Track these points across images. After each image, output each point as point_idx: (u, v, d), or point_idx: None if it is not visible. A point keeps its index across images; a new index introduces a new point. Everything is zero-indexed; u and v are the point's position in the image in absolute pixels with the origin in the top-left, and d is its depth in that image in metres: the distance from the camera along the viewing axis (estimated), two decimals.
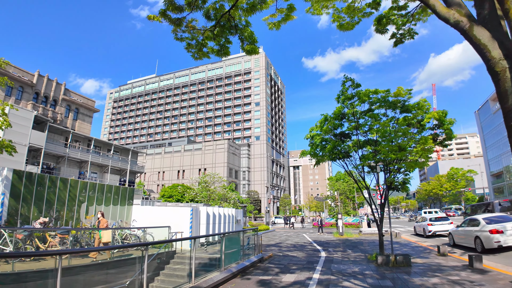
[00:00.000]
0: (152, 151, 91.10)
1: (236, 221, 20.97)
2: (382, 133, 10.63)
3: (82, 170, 31.74)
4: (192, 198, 27.98)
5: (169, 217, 15.93)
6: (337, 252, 13.37)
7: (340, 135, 11.91)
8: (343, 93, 11.06)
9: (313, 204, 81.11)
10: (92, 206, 16.51)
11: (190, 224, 15.33)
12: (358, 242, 18.20)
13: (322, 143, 12.51)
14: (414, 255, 12.71)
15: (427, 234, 20.89)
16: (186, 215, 15.45)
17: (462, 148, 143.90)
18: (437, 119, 11.32)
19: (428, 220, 21.33)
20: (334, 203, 40.73)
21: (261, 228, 28.53)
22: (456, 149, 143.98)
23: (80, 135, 32.37)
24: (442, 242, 17.97)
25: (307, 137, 13.40)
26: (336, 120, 11.34)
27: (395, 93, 11.33)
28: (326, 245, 16.55)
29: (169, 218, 15.94)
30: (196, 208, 16.01)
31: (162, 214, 16.52)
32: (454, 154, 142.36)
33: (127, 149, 35.94)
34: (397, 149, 10.48)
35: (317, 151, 13.02)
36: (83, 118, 46.90)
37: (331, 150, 11.52)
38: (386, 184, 10.85)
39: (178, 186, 37.35)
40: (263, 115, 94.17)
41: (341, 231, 22.73)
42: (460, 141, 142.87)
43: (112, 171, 33.81)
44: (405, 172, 11.45)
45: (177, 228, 15.51)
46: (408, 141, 10.75)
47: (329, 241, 19.01)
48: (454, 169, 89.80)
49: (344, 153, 12.05)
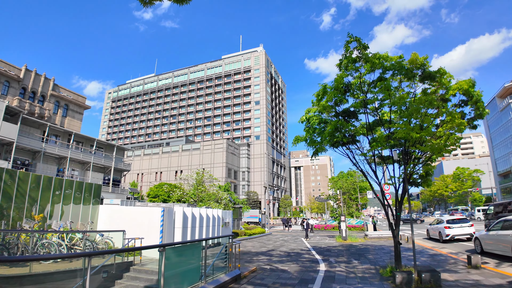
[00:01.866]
0: (149, 151, 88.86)
1: (224, 224, 18.25)
2: (399, 106, 7.89)
3: (61, 167, 29.17)
4: (179, 198, 25.40)
5: (135, 219, 13.27)
6: (340, 264, 10.60)
7: (343, 113, 9.17)
8: (347, 57, 8.32)
9: (314, 205, 78.21)
10: (47, 204, 13.82)
11: (160, 228, 12.63)
12: (365, 249, 15.42)
13: (321, 125, 9.79)
14: (438, 268, 9.96)
15: (444, 238, 18.07)
16: (156, 216, 12.76)
17: (467, 148, 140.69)
18: (465, 92, 8.57)
19: (445, 223, 18.50)
20: (337, 203, 37.89)
21: (256, 232, 25.79)
22: (461, 149, 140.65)
23: (59, 129, 29.86)
24: (465, 249, 15.21)
25: (302, 120, 10.68)
26: (338, 94, 8.57)
27: (410, 60, 8.59)
28: (326, 253, 13.77)
29: (135, 220, 13.28)
30: (169, 209, 13.30)
31: (128, 216, 13.85)
32: (459, 154, 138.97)
33: (111, 145, 33.35)
34: (419, 128, 7.75)
35: (314, 137, 10.32)
36: (73, 115, 44.45)
37: (331, 133, 8.80)
38: (406, 176, 8.08)
39: (164, 185, 34.62)
40: (263, 114, 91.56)
41: (344, 235, 19.95)
42: (465, 140, 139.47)
43: (95, 169, 31.22)
44: (429, 159, 8.70)
45: (144, 233, 12.82)
46: (435, 116, 8.00)
47: (330, 248, 16.23)
48: (460, 169, 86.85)
49: (349, 137, 9.31)
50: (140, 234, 12.88)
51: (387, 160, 10.32)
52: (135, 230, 13.22)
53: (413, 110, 7.52)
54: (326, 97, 8.50)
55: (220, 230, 17.41)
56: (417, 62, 8.51)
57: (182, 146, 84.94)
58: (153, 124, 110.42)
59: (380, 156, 10.05)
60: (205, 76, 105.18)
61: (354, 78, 8.86)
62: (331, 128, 8.58)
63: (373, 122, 9.08)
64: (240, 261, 11.16)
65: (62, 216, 14.71)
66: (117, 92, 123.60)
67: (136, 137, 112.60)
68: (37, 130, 28.75)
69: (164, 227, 12.73)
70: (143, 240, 11.45)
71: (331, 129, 8.59)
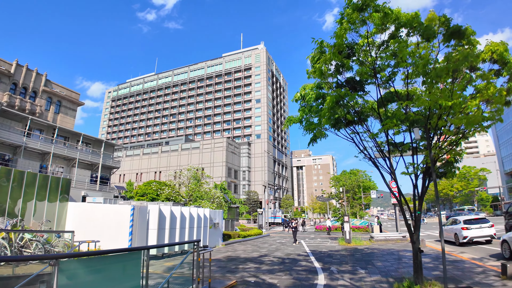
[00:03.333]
0: (149, 150, 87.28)
1: (212, 225, 16.27)
2: (421, 67, 5.87)
3: (44, 163, 27.37)
4: (168, 196, 23.47)
5: (103, 218, 11.36)
6: (344, 275, 8.58)
7: (347, 84, 7.16)
8: (351, 4, 6.27)
9: (316, 205, 75.97)
10: (6, 200, 11.96)
11: (130, 229, 10.68)
12: (371, 254, 13.38)
13: (318, 101, 7.79)
14: (466, 280, 7.94)
15: (461, 241, 15.99)
16: (125, 216, 10.81)
17: (471, 147, 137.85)
18: (500, 57, 6.50)
19: (461, 223, 16.40)
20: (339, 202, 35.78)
21: (252, 233, 23.78)
22: (465, 148, 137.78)
23: (43, 123, 28.07)
24: (488, 253, 13.16)
25: (296, 98, 8.67)
26: (339, 55, 6.54)
27: (428, 19, 6.54)
28: (327, 260, 11.75)
29: (102, 220, 11.37)
30: (141, 207, 11.34)
31: (96, 215, 11.93)
32: None
33: (99, 141, 31.50)
34: (448, 95, 5.74)
35: (310, 117, 8.34)
36: (66, 112, 42.77)
37: (332, 107, 6.78)
38: (432, 160, 6.03)
39: (153, 182, 32.63)
40: (264, 112, 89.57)
41: (348, 237, 17.89)
42: (469, 139, 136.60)
43: (81, 166, 29.38)
44: (461, 137, 6.66)
45: (111, 235, 10.89)
46: (468, 80, 5.98)
47: (332, 252, 14.20)
48: (466, 167, 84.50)
49: (355, 114, 7.30)
50: (107, 236, 10.95)
51: (402, 147, 8.31)
52: (101, 232, 11.31)
53: (442, 70, 5.48)
54: (324, 57, 6.46)
55: (207, 232, 15.43)
56: (436, 21, 6.48)
57: (181, 145, 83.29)
58: (153, 123, 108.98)
59: (393, 143, 8.03)
60: (205, 74, 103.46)
61: (360, 38, 6.84)
62: (331, 101, 6.56)
63: (386, 95, 7.06)
64: (221, 271, 9.18)
65: (25, 214, 12.81)
66: (117, 91, 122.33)
67: (135, 136, 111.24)
68: (19, 123, 27.01)
69: (135, 229, 10.78)
70: (99, 243, 9.50)
71: (331, 102, 6.57)
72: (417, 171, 6.77)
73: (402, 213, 7.06)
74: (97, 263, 3.71)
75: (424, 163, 6.64)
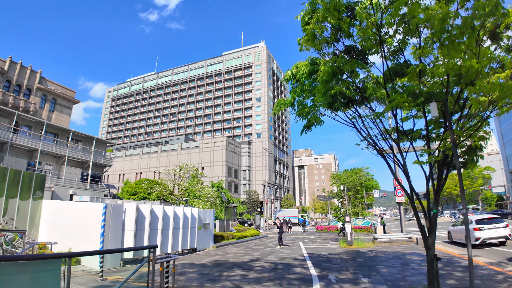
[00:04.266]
0: (148, 149, 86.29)
1: (202, 226, 15.01)
2: (439, 24, 4.56)
3: (32, 160, 26.25)
4: (159, 195, 22.25)
5: (75, 218, 10.15)
6: (343, 285, 7.29)
7: (347, 53, 5.87)
8: None
9: (318, 205, 74.61)
10: None
11: (101, 230, 9.44)
12: (375, 258, 12.07)
13: (312, 78, 6.50)
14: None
15: (473, 242, 14.61)
16: (96, 215, 9.58)
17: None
18: None
19: (474, 223, 15.05)
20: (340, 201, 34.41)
21: (248, 234, 22.49)
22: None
23: (31, 119, 26.97)
24: (505, 256, 11.88)
25: (288, 78, 7.40)
26: (336, 11, 5.23)
27: None
28: (326, 265, 10.46)
29: (75, 220, 10.16)
30: (115, 205, 10.10)
31: (68, 214, 10.73)
32: None
33: (91, 138, 30.33)
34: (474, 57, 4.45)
35: (304, 100, 7.08)
36: (61, 110, 41.80)
37: (328, 80, 5.50)
38: (453, 142, 4.73)
39: (144, 181, 31.35)
40: (265, 111, 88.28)
41: (349, 239, 16.56)
42: None
43: (72, 163, 28.22)
44: (487, 116, 5.36)
45: (82, 236, 9.68)
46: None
47: (332, 256, 12.91)
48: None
49: (356, 91, 6.02)
50: (78, 237, 9.74)
51: (412, 134, 7.02)
52: (73, 232, 10.10)
53: (464, 25, 4.19)
54: (316, 15, 5.16)
55: (195, 233, 14.17)
56: None
57: (181, 144, 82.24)
58: (153, 122, 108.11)
59: (402, 131, 6.74)
60: (205, 73, 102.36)
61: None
62: (326, 72, 5.28)
63: (394, 67, 5.77)
64: (200, 280, 7.91)
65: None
66: (117, 91, 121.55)
67: (135, 136, 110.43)
68: (6, 119, 25.92)
69: (107, 230, 9.53)
70: (56, 245, 8.30)
71: (326, 73, 5.29)
72: (432, 160, 5.46)
73: (414, 211, 5.76)
74: None
75: (442, 148, 5.34)
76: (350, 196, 33.10)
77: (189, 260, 11.71)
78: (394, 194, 21.66)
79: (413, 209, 5.80)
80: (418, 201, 6.18)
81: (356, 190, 34.03)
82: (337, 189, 36.78)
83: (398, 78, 6.00)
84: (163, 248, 11.98)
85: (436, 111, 4.83)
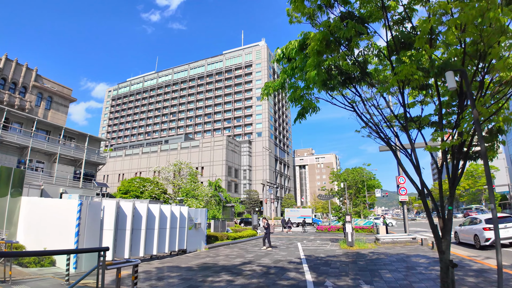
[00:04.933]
0: (148, 149, 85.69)
1: (193, 226, 14.11)
2: None
3: (23, 158, 25.45)
4: (151, 193, 21.37)
5: (50, 216, 9.30)
6: None
7: (344, 19, 4.93)
8: None
9: (319, 205, 73.59)
10: None
11: (76, 229, 8.57)
12: (378, 261, 11.13)
13: (304, 53, 5.58)
14: None
15: (483, 243, 13.68)
16: (71, 212, 8.72)
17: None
18: None
19: (483, 223, 14.08)
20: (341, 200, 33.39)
21: (244, 235, 21.59)
22: None
23: (21, 115, 26.18)
24: None
25: (278, 58, 6.45)
26: None
27: None
28: (323, 269, 9.53)
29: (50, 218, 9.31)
30: (92, 202, 9.22)
31: (44, 212, 9.89)
32: None
33: (84, 135, 29.49)
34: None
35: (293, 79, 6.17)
36: (57, 108, 41.17)
37: (319, 50, 4.57)
38: (476, 119, 3.80)
39: (136, 179, 30.45)
40: (265, 110, 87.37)
41: (350, 239, 15.61)
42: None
43: (64, 161, 27.40)
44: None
45: (57, 235, 8.83)
46: None
47: (331, 259, 11.97)
48: (473, 165, 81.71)
49: (355, 65, 5.09)
50: (54, 237, 8.89)
51: (420, 120, 6.11)
52: (50, 231, 9.26)
53: None
54: None
55: (185, 233, 13.27)
56: None
57: (180, 143, 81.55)
58: (153, 122, 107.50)
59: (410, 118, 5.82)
60: (206, 72, 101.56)
61: None
62: (317, 41, 4.36)
63: (400, 34, 4.83)
64: (181, 286, 7.00)
65: None
66: (117, 90, 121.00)
67: (135, 135, 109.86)
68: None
69: (82, 228, 8.66)
70: (17, 244, 7.46)
71: (317, 42, 4.37)
72: (448, 146, 4.53)
73: (425, 209, 4.83)
74: None
75: (460, 130, 4.40)
76: (351, 194, 32.09)
77: (176, 262, 10.81)
78: (397, 192, 20.70)
79: (424, 206, 4.89)
80: (430, 197, 5.25)
81: (357, 188, 32.99)
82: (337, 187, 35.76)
83: (404, 51, 5.07)
84: (148, 250, 11.09)
85: (454, 82, 3.91)
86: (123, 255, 10.08)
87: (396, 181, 19.87)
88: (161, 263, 10.63)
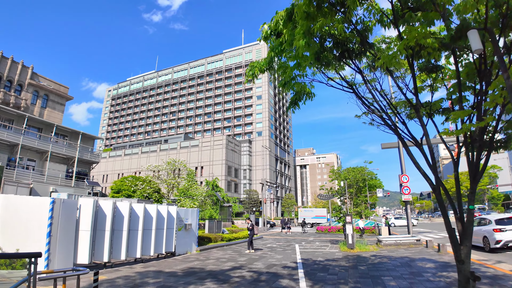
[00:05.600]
0: (147, 148, 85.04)
1: (183, 227, 13.25)
2: None
3: (13, 155, 24.69)
4: (143, 192, 20.58)
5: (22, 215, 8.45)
6: None
7: None
8: None
9: (320, 205, 72.64)
10: None
11: (48, 229, 7.73)
12: (380, 265, 10.24)
13: (293, 24, 4.71)
14: None
15: (493, 246, 12.79)
16: (42, 211, 7.89)
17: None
18: None
19: (493, 223, 13.18)
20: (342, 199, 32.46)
21: (240, 236, 20.72)
22: None
23: (12, 112, 25.42)
24: None
25: (265, 35, 5.58)
26: None
27: None
28: (320, 276, 8.66)
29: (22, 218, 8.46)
30: (66, 200, 8.38)
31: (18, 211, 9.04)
32: None
33: (77, 133, 28.71)
34: None
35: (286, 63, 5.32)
36: (54, 106, 40.52)
37: (310, 10, 3.71)
38: (510, 88, 2.92)
39: (128, 178, 29.66)
40: (266, 109, 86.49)
41: (351, 241, 14.72)
42: None
43: (56, 159, 26.62)
44: None
45: (28, 236, 8.00)
46: None
47: (329, 263, 11.09)
48: None
49: (354, 32, 4.22)
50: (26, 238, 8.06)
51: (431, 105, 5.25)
52: (23, 232, 8.43)
53: None
54: None
55: (173, 235, 12.41)
56: None
57: (180, 143, 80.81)
58: (153, 121, 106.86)
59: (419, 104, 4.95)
60: (206, 71, 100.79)
61: None
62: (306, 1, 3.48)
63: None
64: None
65: None
66: (117, 89, 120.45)
67: (135, 135, 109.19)
68: None
69: (55, 229, 7.82)
70: None
71: (306, 1, 3.50)
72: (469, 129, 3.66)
73: (440, 207, 3.96)
74: None
75: (488, 105, 3.53)
76: (351, 193, 31.15)
77: (160, 266, 9.95)
78: (400, 192, 19.79)
79: (440, 204, 4.03)
80: (446, 194, 4.37)
81: (358, 187, 32.04)
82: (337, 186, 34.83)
83: (412, 15, 4.20)
84: (131, 253, 10.24)
85: (479, 42, 3.04)
86: (102, 258, 9.24)
87: (399, 180, 18.97)
88: (144, 267, 9.79)
